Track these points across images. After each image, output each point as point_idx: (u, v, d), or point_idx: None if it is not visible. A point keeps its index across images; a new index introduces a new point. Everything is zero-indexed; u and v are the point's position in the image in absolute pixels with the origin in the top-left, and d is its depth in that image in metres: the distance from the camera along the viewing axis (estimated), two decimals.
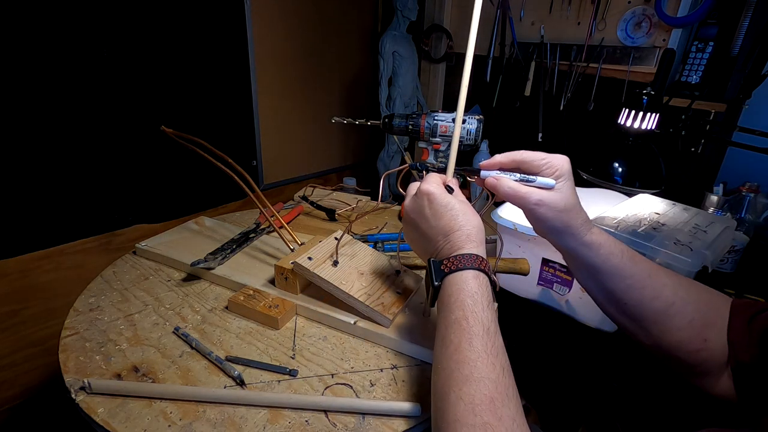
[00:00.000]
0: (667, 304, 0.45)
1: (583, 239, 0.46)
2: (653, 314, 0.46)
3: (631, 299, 0.46)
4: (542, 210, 0.45)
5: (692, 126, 1.00)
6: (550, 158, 0.46)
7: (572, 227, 0.46)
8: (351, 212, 0.94)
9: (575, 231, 0.46)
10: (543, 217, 0.45)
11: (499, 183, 0.47)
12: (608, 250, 0.46)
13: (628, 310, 0.47)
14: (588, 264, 0.47)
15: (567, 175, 0.46)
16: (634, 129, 0.81)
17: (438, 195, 0.47)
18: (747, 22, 0.91)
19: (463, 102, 0.49)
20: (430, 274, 0.44)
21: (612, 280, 0.47)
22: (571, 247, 0.47)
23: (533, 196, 0.45)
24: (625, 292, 0.46)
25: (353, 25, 1.53)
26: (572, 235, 0.46)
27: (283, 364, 0.51)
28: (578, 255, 0.47)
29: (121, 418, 0.43)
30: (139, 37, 1.00)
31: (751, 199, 0.98)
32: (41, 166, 0.92)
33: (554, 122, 1.28)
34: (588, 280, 0.49)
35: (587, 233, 0.46)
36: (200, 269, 0.67)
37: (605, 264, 0.46)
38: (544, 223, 0.46)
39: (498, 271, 0.70)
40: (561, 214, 0.45)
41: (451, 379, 0.36)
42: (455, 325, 0.39)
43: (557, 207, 0.45)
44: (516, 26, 1.28)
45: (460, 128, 0.51)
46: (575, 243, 0.46)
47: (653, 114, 0.80)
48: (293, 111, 1.43)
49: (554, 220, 0.45)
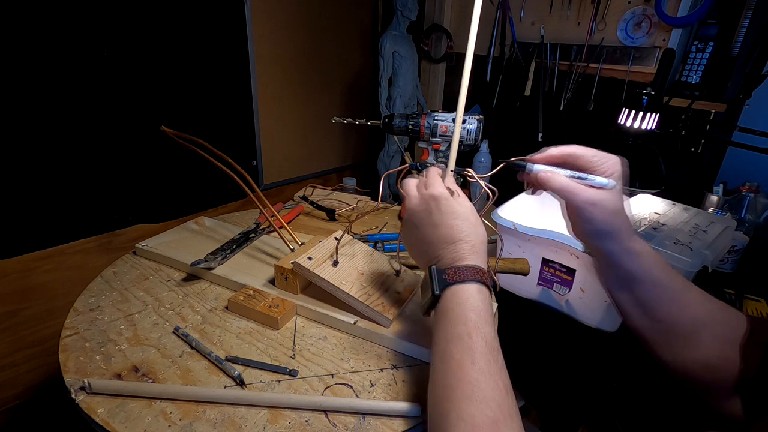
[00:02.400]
0: (698, 319, 0.44)
1: (627, 245, 0.44)
2: (683, 329, 0.44)
3: (664, 312, 0.45)
4: (595, 210, 0.43)
5: (692, 126, 1.00)
6: (606, 157, 0.45)
7: (619, 231, 0.44)
8: (351, 212, 0.94)
9: (621, 236, 0.44)
10: (594, 218, 0.44)
11: (553, 177, 0.45)
12: (649, 260, 0.45)
13: (659, 324, 0.45)
14: (626, 272, 0.45)
15: (620, 177, 0.44)
16: (634, 129, 0.81)
17: (445, 200, 0.45)
18: (747, 22, 0.91)
19: (463, 102, 0.49)
20: (430, 282, 0.43)
21: (649, 291, 0.45)
22: (613, 253, 0.45)
23: (589, 194, 0.43)
24: (659, 304, 0.45)
25: (353, 25, 1.53)
26: (617, 240, 0.44)
27: (283, 364, 0.51)
28: (618, 262, 0.45)
29: (121, 418, 0.43)
30: (139, 37, 1.00)
31: (751, 199, 0.98)
32: (41, 166, 0.92)
33: (554, 122, 1.28)
34: (621, 289, 0.47)
35: (631, 240, 0.45)
36: (200, 269, 0.67)
37: (645, 274, 0.45)
38: (593, 224, 0.44)
39: (498, 271, 0.70)
40: (612, 217, 0.43)
41: (453, 397, 0.35)
42: (457, 341, 0.38)
43: (610, 208, 0.43)
44: (516, 26, 1.28)
45: (460, 128, 0.51)
46: (618, 248, 0.45)
47: (653, 114, 0.80)
48: (293, 111, 1.43)
49: (604, 222, 0.44)
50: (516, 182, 0.63)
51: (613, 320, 0.75)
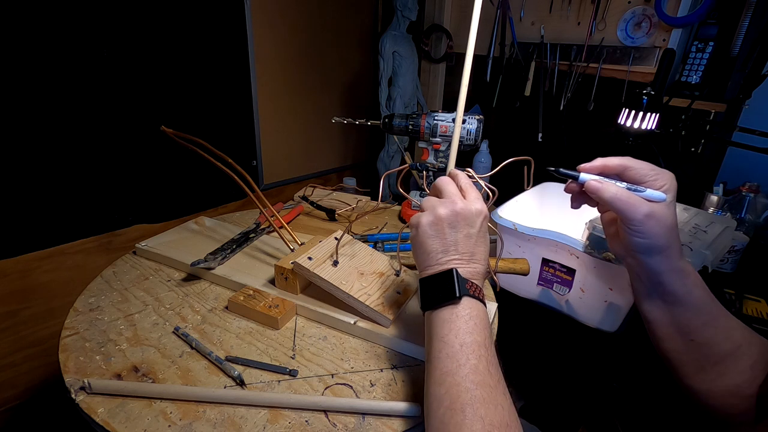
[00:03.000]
0: (736, 345, 0.43)
1: (676, 264, 0.43)
2: (719, 355, 0.43)
3: (702, 336, 0.43)
4: (650, 224, 0.41)
5: (692, 126, 1.00)
6: (660, 171, 0.43)
7: (671, 249, 0.42)
8: (351, 212, 0.94)
9: (672, 254, 0.43)
10: (648, 233, 0.42)
11: (604, 187, 0.42)
12: (694, 282, 0.43)
13: (695, 348, 0.44)
14: (670, 292, 0.44)
15: (675, 192, 0.43)
16: (634, 129, 0.81)
17: (486, 220, 0.46)
18: (747, 22, 0.91)
19: (463, 102, 0.49)
20: (451, 283, 0.43)
21: (689, 313, 0.43)
22: (659, 271, 0.43)
23: (644, 206, 0.41)
24: (699, 328, 0.43)
25: (353, 25, 1.53)
26: (667, 258, 0.43)
27: (283, 364, 0.51)
28: (663, 280, 0.43)
29: (121, 418, 0.43)
30: (139, 37, 1.00)
31: (751, 199, 0.98)
32: (41, 166, 0.92)
33: (554, 122, 1.28)
34: (659, 309, 0.45)
35: (681, 259, 0.43)
36: (200, 269, 0.67)
37: (688, 295, 0.43)
38: (646, 238, 0.42)
39: (498, 271, 0.70)
40: (666, 232, 0.42)
41: (469, 397, 0.37)
42: (474, 347, 0.40)
43: (666, 224, 0.42)
44: (516, 26, 1.28)
45: (460, 128, 0.51)
46: (667, 267, 0.43)
47: (653, 114, 0.80)
48: (293, 111, 1.43)
49: (658, 237, 0.42)
50: (516, 182, 0.63)
51: (613, 320, 0.75)
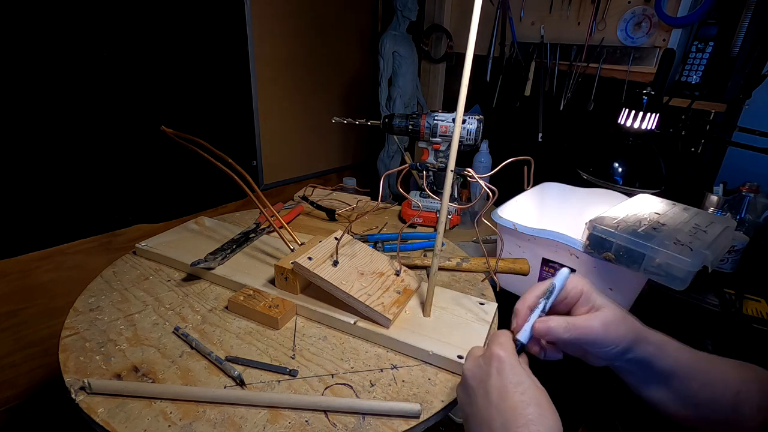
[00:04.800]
0: (735, 393, 0.42)
1: (653, 341, 0.42)
2: (725, 408, 0.42)
3: (704, 398, 0.42)
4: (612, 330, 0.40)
5: (692, 126, 1.00)
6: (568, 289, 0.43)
7: (640, 333, 0.42)
8: (351, 212, 0.94)
9: (645, 335, 0.42)
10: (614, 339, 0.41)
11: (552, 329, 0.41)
12: (676, 349, 0.43)
13: (701, 410, 0.43)
14: (661, 370, 0.43)
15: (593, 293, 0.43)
16: (634, 129, 0.81)
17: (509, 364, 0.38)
18: (747, 22, 0.91)
19: (463, 102, 0.49)
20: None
21: (685, 380, 0.43)
22: (646, 357, 0.42)
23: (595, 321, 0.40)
24: (698, 391, 0.42)
25: (353, 25, 1.53)
26: (645, 342, 0.42)
27: (283, 364, 0.51)
28: (651, 363, 0.42)
29: (121, 418, 0.43)
30: (139, 38, 1.00)
31: (751, 199, 0.98)
32: (41, 166, 0.92)
33: (554, 122, 1.28)
34: (659, 390, 0.44)
35: (652, 335, 0.42)
36: (200, 269, 0.67)
37: (677, 364, 0.42)
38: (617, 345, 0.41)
39: (498, 271, 0.70)
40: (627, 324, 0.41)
41: None
42: None
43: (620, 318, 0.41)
44: (516, 26, 1.28)
45: (460, 128, 0.51)
46: (650, 349, 0.42)
47: (653, 114, 0.80)
48: (293, 111, 1.43)
49: (626, 334, 0.41)
50: (516, 182, 0.63)
51: None
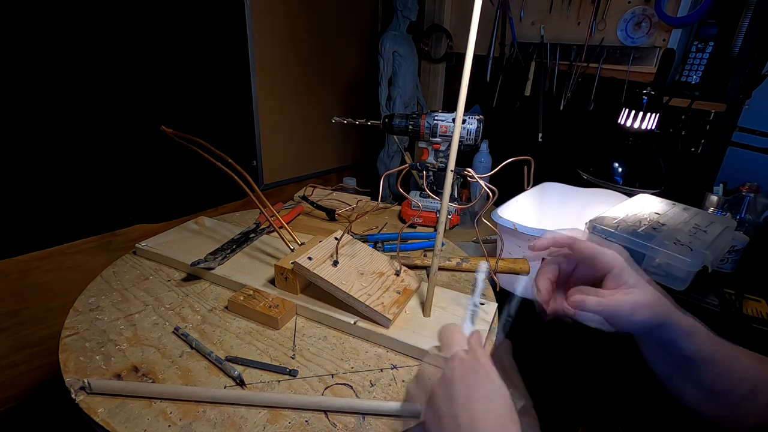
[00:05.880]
0: (751, 386, 0.42)
1: (680, 325, 0.42)
2: (737, 399, 0.42)
3: (721, 387, 0.43)
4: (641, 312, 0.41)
5: (692, 126, 1.00)
6: (604, 250, 0.44)
7: (672, 315, 0.42)
8: (351, 212, 0.94)
9: (676, 319, 0.42)
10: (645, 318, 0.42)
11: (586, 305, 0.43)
12: (701, 337, 0.43)
13: (714, 398, 0.43)
14: (682, 355, 0.43)
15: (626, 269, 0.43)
16: (634, 129, 0.81)
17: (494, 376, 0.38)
18: (747, 22, 0.91)
19: (463, 102, 0.49)
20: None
21: (703, 368, 0.43)
22: (673, 340, 0.43)
23: (627, 304, 0.41)
24: (715, 380, 0.43)
25: (353, 25, 1.53)
26: (671, 325, 0.42)
27: (283, 364, 0.51)
28: (675, 346, 0.43)
29: (121, 418, 0.43)
30: (139, 38, 1.00)
31: (751, 199, 0.98)
32: (41, 166, 0.92)
33: (554, 122, 1.28)
34: (675, 371, 0.45)
35: (684, 318, 0.43)
36: (200, 269, 0.67)
37: (701, 353, 0.43)
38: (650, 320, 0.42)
39: (498, 271, 0.70)
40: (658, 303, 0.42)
41: None
42: None
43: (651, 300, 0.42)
44: (516, 26, 1.28)
45: (460, 128, 0.51)
46: (677, 333, 0.42)
47: (653, 114, 0.80)
48: (293, 111, 1.43)
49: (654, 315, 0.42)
50: (516, 182, 0.63)
51: None
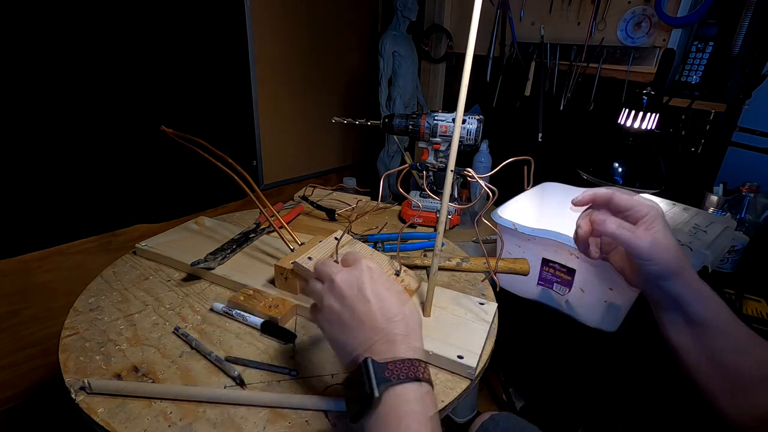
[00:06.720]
0: (765, 367, 0.42)
1: (695, 286, 0.43)
2: (749, 381, 0.42)
3: (730, 361, 0.43)
4: (656, 251, 0.43)
5: (692, 126, 1.00)
6: (643, 201, 0.45)
7: (685, 271, 0.43)
8: (351, 212, 0.94)
9: (686, 276, 0.43)
10: (657, 259, 0.43)
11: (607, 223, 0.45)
12: (717, 305, 0.44)
13: (723, 372, 0.44)
14: (693, 315, 0.44)
15: (662, 219, 0.44)
16: (634, 129, 0.81)
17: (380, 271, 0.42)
18: (747, 22, 0.91)
19: (463, 102, 0.49)
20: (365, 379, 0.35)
21: (715, 336, 0.43)
22: (678, 294, 0.44)
23: (647, 238, 0.43)
24: (726, 352, 0.43)
25: (353, 25, 1.53)
26: (684, 280, 0.43)
27: (283, 364, 0.51)
28: (683, 303, 0.44)
29: (121, 418, 0.43)
30: (139, 38, 1.00)
31: (751, 199, 0.98)
32: (41, 166, 0.92)
33: (554, 122, 1.28)
34: (685, 335, 0.45)
35: (698, 282, 0.44)
36: (200, 269, 0.67)
37: (713, 318, 0.43)
38: (657, 264, 0.43)
39: (498, 271, 0.70)
40: (674, 255, 0.43)
41: None
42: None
43: (670, 248, 0.43)
44: (516, 26, 1.28)
45: (460, 128, 0.51)
46: (685, 289, 0.43)
47: (653, 114, 0.80)
48: (293, 111, 1.43)
49: (668, 261, 0.43)
50: (516, 182, 0.63)
51: (613, 320, 0.75)
